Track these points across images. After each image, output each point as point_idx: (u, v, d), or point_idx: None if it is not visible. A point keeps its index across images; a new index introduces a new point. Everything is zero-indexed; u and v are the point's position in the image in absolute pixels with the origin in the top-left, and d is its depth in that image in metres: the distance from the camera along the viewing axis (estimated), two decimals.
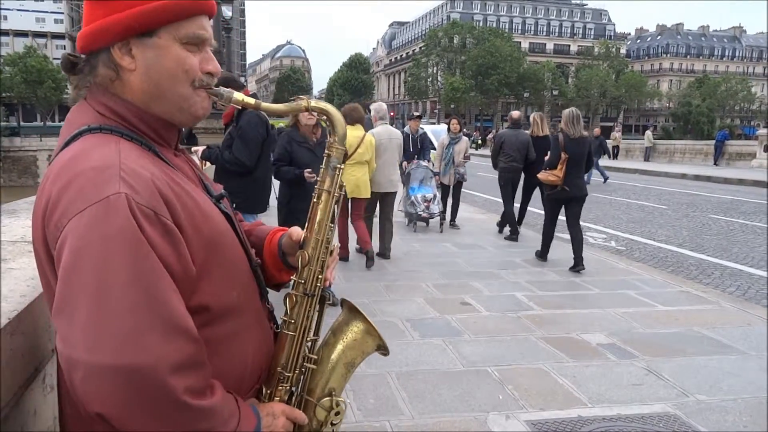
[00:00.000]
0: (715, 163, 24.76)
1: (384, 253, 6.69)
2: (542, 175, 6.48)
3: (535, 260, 6.76)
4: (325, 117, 1.16)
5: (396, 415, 3.07)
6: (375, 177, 6.39)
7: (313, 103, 1.15)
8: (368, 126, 6.77)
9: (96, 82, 1.01)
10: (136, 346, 0.82)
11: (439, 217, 8.58)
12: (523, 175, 8.32)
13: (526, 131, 8.57)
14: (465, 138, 9.10)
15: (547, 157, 6.68)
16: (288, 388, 1.12)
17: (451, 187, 8.82)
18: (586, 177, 19.34)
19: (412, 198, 8.56)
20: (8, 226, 2.17)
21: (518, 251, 7.33)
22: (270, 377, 1.11)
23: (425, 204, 8.43)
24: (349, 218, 6.24)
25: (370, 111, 7.42)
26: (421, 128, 9.86)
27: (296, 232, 1.20)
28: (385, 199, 6.72)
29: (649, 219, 10.87)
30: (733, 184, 17.83)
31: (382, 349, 1.23)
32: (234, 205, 4.67)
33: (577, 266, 6.23)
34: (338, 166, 1.15)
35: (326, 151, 1.16)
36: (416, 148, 9.12)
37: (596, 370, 3.69)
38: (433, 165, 9.05)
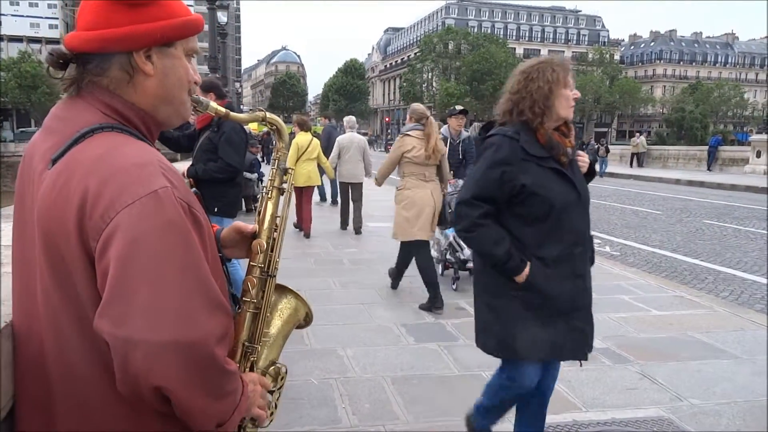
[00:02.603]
0: (708, 169, 24.90)
1: (357, 229, 8.63)
2: None
3: None
4: (275, 127, 1.31)
5: (391, 420, 3.08)
6: (341, 171, 8.77)
7: (269, 115, 1.31)
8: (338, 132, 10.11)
9: (100, 83, 1.05)
10: (192, 324, 0.92)
11: None
12: None
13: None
14: None
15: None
16: (254, 360, 1.23)
17: None
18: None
19: (452, 238, 5.60)
20: (4, 230, 2.18)
21: None
22: (233, 352, 1.18)
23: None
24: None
25: (343, 122, 9.68)
26: (466, 131, 6.54)
27: (246, 226, 1.32)
28: (352, 188, 8.77)
29: (643, 224, 10.92)
30: (726, 190, 17.92)
31: (309, 317, 1.38)
32: (216, 210, 4.67)
33: None
34: (288, 168, 1.31)
35: (275, 155, 1.32)
36: (456, 158, 6.18)
37: (591, 375, 3.70)
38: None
